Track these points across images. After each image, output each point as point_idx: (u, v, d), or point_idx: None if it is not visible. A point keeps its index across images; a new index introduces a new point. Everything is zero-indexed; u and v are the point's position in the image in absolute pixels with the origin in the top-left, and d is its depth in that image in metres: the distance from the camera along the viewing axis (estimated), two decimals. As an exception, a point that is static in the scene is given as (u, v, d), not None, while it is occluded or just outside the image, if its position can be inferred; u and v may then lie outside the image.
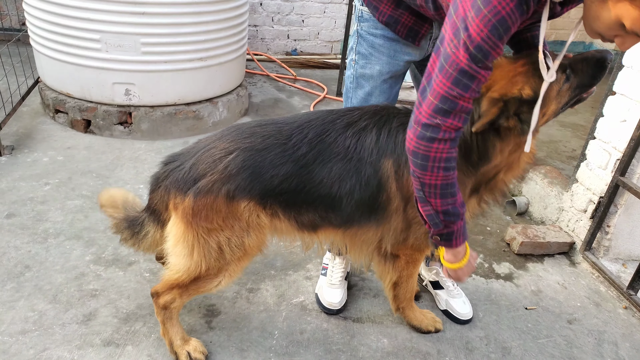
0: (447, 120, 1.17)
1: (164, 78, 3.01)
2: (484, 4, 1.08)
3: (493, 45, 1.11)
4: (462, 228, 1.36)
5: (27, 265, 2.02)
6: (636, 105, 2.18)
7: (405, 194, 1.46)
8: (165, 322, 1.63)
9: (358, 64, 1.70)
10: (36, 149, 2.88)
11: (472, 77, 1.13)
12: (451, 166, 1.23)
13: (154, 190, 1.54)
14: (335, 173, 1.44)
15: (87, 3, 2.72)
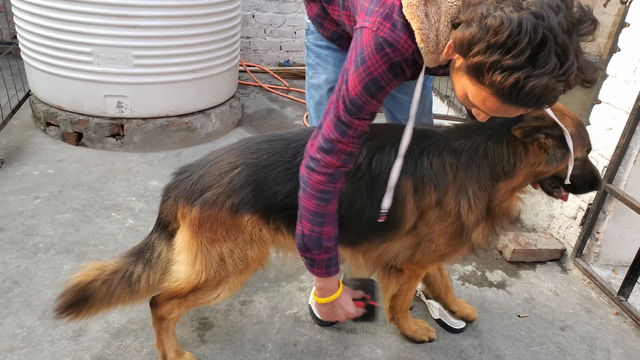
0: (327, 157, 1.26)
1: (156, 90, 3.02)
2: (361, 62, 1.16)
3: (366, 101, 1.19)
4: (325, 261, 1.39)
5: (15, 280, 1.99)
6: (621, 114, 2.22)
7: (419, 212, 1.47)
8: (161, 333, 1.62)
9: (308, 75, 1.74)
10: (27, 162, 2.86)
11: (348, 126, 1.22)
12: (325, 198, 1.30)
13: (165, 201, 1.56)
14: (344, 192, 1.41)
15: (78, 16, 2.73)
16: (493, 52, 0.92)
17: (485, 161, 1.43)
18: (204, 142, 3.30)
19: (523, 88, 0.92)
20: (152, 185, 2.76)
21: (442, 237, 1.51)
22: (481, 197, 1.47)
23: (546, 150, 1.40)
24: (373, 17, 1.14)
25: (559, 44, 0.91)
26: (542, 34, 0.90)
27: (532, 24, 0.90)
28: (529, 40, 0.90)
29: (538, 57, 0.91)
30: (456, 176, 1.44)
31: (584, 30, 0.96)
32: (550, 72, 0.91)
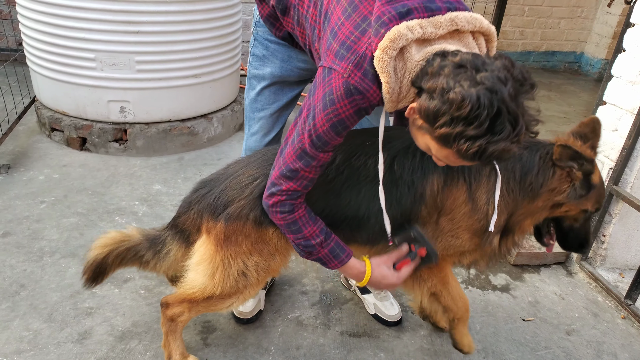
0: (289, 183, 1.35)
1: (159, 95, 3.03)
2: (329, 104, 1.23)
3: (332, 137, 1.28)
4: (329, 254, 1.44)
5: (22, 284, 2.01)
6: (627, 115, 2.20)
7: (440, 206, 1.48)
8: (169, 334, 1.64)
9: (252, 65, 1.74)
10: (32, 167, 2.88)
11: (312, 158, 1.31)
12: (287, 210, 1.38)
13: (185, 213, 1.59)
14: (364, 195, 1.45)
15: (82, 23, 2.76)
16: (457, 124, 1.05)
17: (518, 164, 1.44)
18: (206, 147, 3.32)
19: (484, 152, 1.06)
20: (155, 189, 2.78)
21: (467, 233, 1.50)
22: (509, 202, 1.46)
23: (572, 181, 1.42)
24: (344, 63, 1.20)
25: (511, 112, 1.04)
26: (497, 106, 1.03)
27: (488, 99, 1.02)
28: (487, 113, 1.03)
29: (495, 126, 1.04)
30: (490, 172, 1.45)
31: (527, 92, 1.10)
32: (506, 137, 1.05)
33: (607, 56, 5.55)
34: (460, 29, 1.17)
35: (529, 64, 5.89)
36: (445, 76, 1.06)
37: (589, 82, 5.59)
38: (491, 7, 3.30)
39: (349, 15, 1.23)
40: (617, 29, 5.36)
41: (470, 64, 1.06)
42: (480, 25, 1.19)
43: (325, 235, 1.43)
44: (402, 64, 1.15)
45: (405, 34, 1.11)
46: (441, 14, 1.16)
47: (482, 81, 1.03)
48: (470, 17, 1.17)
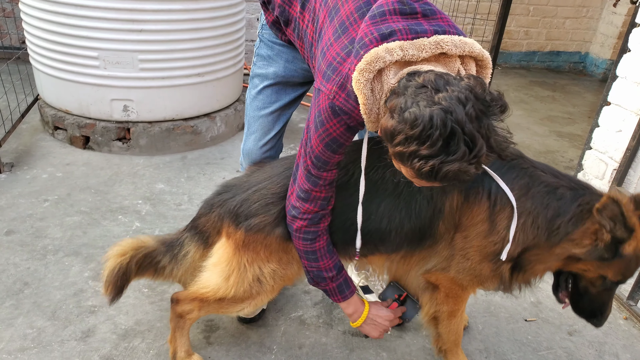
0: (305, 205, 1.40)
1: (162, 94, 3.04)
2: (320, 125, 1.28)
3: (329, 156, 1.32)
4: (336, 289, 1.51)
5: (26, 282, 2.02)
6: (631, 116, 2.20)
7: (458, 222, 1.46)
8: (176, 330, 1.65)
9: (256, 65, 1.75)
10: (35, 165, 2.89)
11: (318, 178, 1.36)
12: (310, 238, 1.43)
13: (206, 214, 1.61)
14: (384, 209, 1.46)
15: (85, 21, 2.76)
16: (411, 144, 1.04)
17: (555, 202, 1.36)
18: (209, 146, 3.32)
19: (439, 172, 1.04)
20: (158, 188, 2.78)
21: (479, 255, 1.45)
22: (529, 236, 1.39)
23: (597, 240, 1.32)
24: (330, 85, 1.22)
25: (467, 134, 1.02)
26: (450, 127, 1.01)
27: (442, 119, 1.01)
28: (440, 133, 1.01)
29: (449, 146, 1.02)
30: (520, 199, 1.38)
31: (493, 113, 1.07)
32: (461, 158, 1.03)
33: (612, 56, 5.52)
34: (447, 52, 1.15)
35: (533, 64, 5.87)
36: (406, 96, 1.06)
37: (594, 82, 5.57)
38: (496, 6, 3.28)
39: (338, 37, 1.25)
40: (622, 29, 5.33)
41: (431, 84, 1.05)
42: (470, 49, 1.17)
43: (338, 271, 1.48)
44: (380, 86, 1.15)
45: (383, 56, 1.11)
46: (427, 36, 1.14)
47: (438, 101, 1.02)
48: (459, 41, 1.15)
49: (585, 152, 2.46)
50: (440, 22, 1.20)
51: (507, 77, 5.38)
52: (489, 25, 3.37)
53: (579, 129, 4.12)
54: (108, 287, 1.60)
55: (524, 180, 1.40)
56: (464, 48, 1.16)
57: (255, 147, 1.81)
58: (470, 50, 1.17)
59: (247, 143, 1.85)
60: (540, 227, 1.38)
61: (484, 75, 1.24)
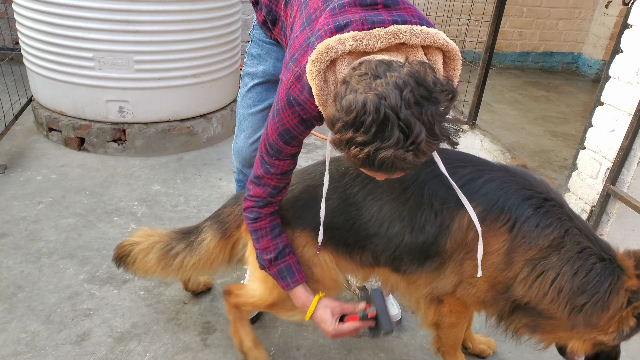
0: (256, 188, 1.42)
1: (158, 95, 3.03)
2: (276, 113, 1.29)
3: (282, 146, 1.32)
4: (277, 274, 1.46)
5: (19, 285, 2.00)
6: (624, 116, 2.22)
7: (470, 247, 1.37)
8: (236, 321, 1.66)
9: (247, 64, 1.76)
10: (29, 167, 2.87)
11: (270, 165, 1.36)
12: (253, 217, 1.44)
13: (232, 205, 1.64)
14: (385, 212, 1.41)
15: (80, 22, 2.75)
16: (347, 130, 1.03)
17: (584, 273, 1.28)
18: (205, 147, 3.31)
19: (375, 159, 1.02)
20: (154, 189, 2.77)
21: (487, 285, 1.40)
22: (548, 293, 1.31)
23: (622, 325, 1.31)
24: (289, 74, 1.23)
25: (402, 119, 0.99)
26: (384, 112, 0.99)
27: (375, 104, 0.99)
28: (373, 119, 0.99)
29: (384, 132, 1.00)
30: (551, 254, 1.30)
31: (435, 100, 1.04)
32: (395, 144, 1.00)
33: (604, 57, 5.57)
34: (406, 42, 1.12)
35: (527, 65, 5.91)
36: (347, 84, 1.05)
37: (587, 82, 5.61)
38: (490, 7, 3.30)
39: (304, 29, 1.25)
40: (614, 30, 5.38)
41: (372, 71, 1.03)
42: (432, 39, 1.13)
43: (278, 255, 1.43)
44: (334, 77, 1.14)
45: (334, 46, 1.10)
46: (384, 26, 1.12)
47: (375, 87, 1.00)
48: (420, 30, 1.12)
49: (579, 151, 2.48)
50: (403, 12, 1.17)
51: (501, 78, 5.41)
52: (484, 26, 3.38)
53: (572, 129, 4.15)
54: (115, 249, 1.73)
55: (559, 232, 1.31)
56: (425, 38, 1.13)
57: (245, 144, 1.82)
58: (432, 40, 1.14)
59: (237, 141, 1.86)
60: (562, 292, 1.30)
61: (452, 67, 1.20)
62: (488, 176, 1.36)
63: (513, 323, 1.45)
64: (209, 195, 2.76)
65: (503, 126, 4.11)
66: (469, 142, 3.53)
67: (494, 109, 4.48)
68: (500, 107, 4.55)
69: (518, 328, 1.46)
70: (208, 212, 2.61)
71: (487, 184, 1.35)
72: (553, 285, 1.31)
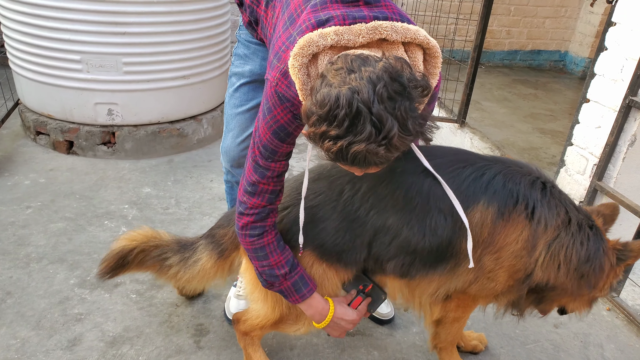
0: (252, 199, 1.36)
1: (147, 97, 3.01)
2: (267, 112, 1.27)
3: (277, 145, 1.29)
4: (291, 287, 1.42)
5: (8, 291, 1.98)
6: (609, 112, 2.25)
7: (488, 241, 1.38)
8: (248, 347, 1.64)
9: (234, 64, 1.76)
10: (17, 172, 2.84)
11: (266, 169, 1.33)
12: (256, 234, 1.38)
13: (225, 227, 1.59)
14: (391, 224, 1.38)
15: (67, 24, 2.72)
16: (321, 124, 1.03)
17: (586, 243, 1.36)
18: (196, 148, 3.30)
19: (347, 153, 1.02)
20: (145, 192, 2.75)
21: (506, 276, 1.40)
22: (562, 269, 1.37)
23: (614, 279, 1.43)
24: (274, 72, 1.23)
25: (374, 114, 0.99)
26: (356, 106, 0.99)
27: (348, 98, 0.99)
28: (345, 113, 0.99)
29: (356, 126, 1.00)
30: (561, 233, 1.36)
31: (408, 96, 1.03)
32: (367, 139, 1.00)
33: (590, 55, 5.64)
34: (387, 38, 1.12)
35: (515, 63, 5.97)
36: (323, 78, 1.05)
37: (574, 80, 5.69)
38: (478, 6, 3.33)
39: (286, 28, 1.25)
40: (599, 28, 5.46)
41: (347, 65, 1.03)
42: (413, 36, 1.13)
43: (291, 267, 1.41)
44: (316, 71, 1.15)
45: (316, 40, 1.10)
46: (365, 22, 1.12)
47: (349, 82, 1.01)
48: (400, 27, 1.12)
49: (567, 148, 2.51)
50: (384, 9, 1.18)
51: (490, 76, 5.46)
52: (472, 25, 3.41)
53: (560, 126, 4.20)
54: (102, 264, 1.62)
55: (564, 210, 1.38)
56: (406, 34, 1.13)
57: (233, 144, 1.82)
58: (413, 37, 1.14)
59: (225, 141, 1.85)
60: (572, 264, 1.36)
61: (433, 65, 1.20)
62: (490, 172, 1.38)
63: (520, 305, 1.49)
64: (200, 197, 2.75)
65: (492, 124, 4.15)
66: (459, 140, 3.56)
67: (483, 107, 4.52)
68: (489, 105, 4.59)
69: (524, 307, 1.50)
70: (199, 214, 2.61)
71: (493, 179, 1.37)
72: (565, 260, 1.36)
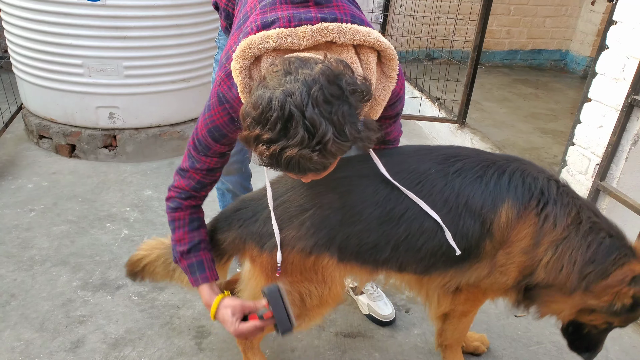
0: (180, 180, 1.40)
1: (148, 100, 3.02)
2: (207, 109, 1.28)
3: (210, 143, 1.30)
4: (187, 268, 1.42)
5: (12, 294, 1.99)
6: (611, 112, 2.24)
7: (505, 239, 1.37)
8: (247, 351, 1.63)
9: (215, 72, 1.76)
10: (20, 175, 2.85)
11: (196, 160, 1.35)
12: (172, 207, 1.42)
13: (224, 231, 1.51)
14: (426, 227, 1.35)
15: (69, 29, 2.74)
16: (255, 127, 1.00)
17: (595, 246, 1.33)
18: (198, 150, 3.31)
19: (280, 158, 0.99)
20: (146, 195, 2.76)
21: (517, 271, 1.40)
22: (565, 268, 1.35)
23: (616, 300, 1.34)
24: (220, 72, 1.22)
25: (307, 118, 0.96)
26: (288, 109, 0.96)
27: (280, 101, 0.96)
28: (277, 116, 0.96)
29: (288, 130, 0.97)
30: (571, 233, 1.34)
31: (349, 101, 1.00)
32: (299, 143, 0.97)
33: (592, 54, 5.62)
34: (334, 40, 1.09)
35: (516, 62, 5.96)
36: (263, 80, 1.03)
37: (575, 79, 5.67)
38: (477, 6, 3.33)
39: (239, 27, 1.25)
40: (601, 26, 5.44)
41: (285, 67, 1.00)
42: (363, 38, 1.10)
43: (190, 249, 1.40)
44: (259, 74, 1.13)
45: (258, 43, 1.09)
46: (312, 24, 1.09)
47: (284, 84, 0.98)
48: (349, 29, 1.09)
49: (569, 148, 2.50)
50: (334, 10, 1.14)
51: (490, 76, 5.45)
52: (471, 25, 3.41)
53: (562, 125, 4.19)
54: (126, 267, 1.66)
55: (574, 211, 1.36)
56: (355, 36, 1.09)
57: None
58: (363, 39, 1.10)
59: None
60: (575, 265, 1.34)
61: (389, 67, 1.17)
62: (509, 169, 1.38)
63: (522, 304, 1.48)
64: (201, 200, 2.76)
65: (493, 124, 4.14)
66: (459, 140, 3.56)
67: (484, 107, 4.51)
68: (489, 105, 4.59)
69: (520, 303, 1.49)
70: (201, 216, 2.62)
71: (513, 176, 1.37)
72: (570, 262, 1.34)
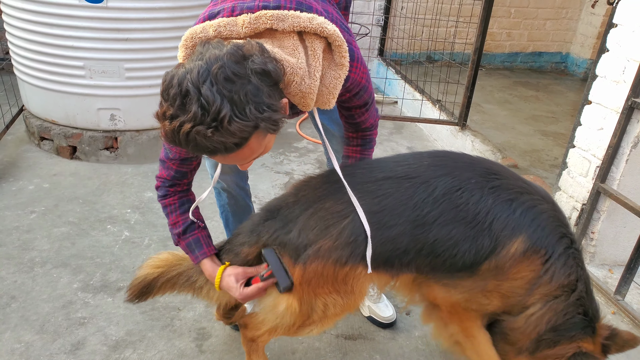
0: (162, 170, 1.47)
1: (149, 102, 3.02)
2: None
3: (171, 149, 1.39)
4: (186, 247, 1.51)
5: (12, 295, 1.99)
6: (611, 114, 2.25)
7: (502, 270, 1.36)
8: (251, 353, 1.63)
9: None
10: (21, 177, 2.86)
11: (169, 150, 1.41)
12: (161, 194, 1.50)
13: (254, 245, 1.47)
14: (453, 235, 1.33)
15: (70, 31, 2.75)
16: (162, 105, 1.05)
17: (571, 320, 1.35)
18: (198, 152, 3.31)
19: (179, 133, 1.02)
20: (147, 196, 2.76)
21: (500, 301, 1.40)
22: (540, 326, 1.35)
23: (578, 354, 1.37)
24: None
25: (202, 94, 0.99)
26: (185, 85, 1.00)
27: (179, 78, 1.01)
28: (176, 92, 1.01)
29: (185, 106, 1.01)
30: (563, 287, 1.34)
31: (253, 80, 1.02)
32: (193, 119, 1.00)
33: (592, 56, 5.63)
34: (274, 27, 1.10)
35: (516, 65, 5.97)
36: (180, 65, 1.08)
37: (576, 81, 5.68)
38: (478, 9, 3.34)
39: (198, 20, 1.29)
40: (601, 29, 5.45)
41: (202, 49, 1.05)
42: (304, 24, 1.09)
43: (186, 228, 1.49)
44: None
45: (198, 33, 1.14)
46: (252, 12, 1.11)
47: (190, 61, 1.03)
48: (290, 15, 1.09)
49: (569, 150, 2.50)
50: None
51: (491, 78, 5.46)
52: (472, 27, 3.42)
53: (562, 128, 4.19)
54: (128, 291, 1.63)
55: (574, 277, 1.35)
56: (296, 23, 1.09)
57: None
58: (305, 25, 1.10)
59: None
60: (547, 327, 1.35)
61: (338, 54, 1.16)
62: (540, 207, 1.36)
63: None
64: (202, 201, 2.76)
65: (493, 126, 4.14)
66: (460, 142, 3.56)
67: (484, 109, 4.52)
68: (490, 107, 4.59)
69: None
70: (202, 218, 2.61)
71: (540, 215, 1.35)
72: (547, 322, 1.35)
